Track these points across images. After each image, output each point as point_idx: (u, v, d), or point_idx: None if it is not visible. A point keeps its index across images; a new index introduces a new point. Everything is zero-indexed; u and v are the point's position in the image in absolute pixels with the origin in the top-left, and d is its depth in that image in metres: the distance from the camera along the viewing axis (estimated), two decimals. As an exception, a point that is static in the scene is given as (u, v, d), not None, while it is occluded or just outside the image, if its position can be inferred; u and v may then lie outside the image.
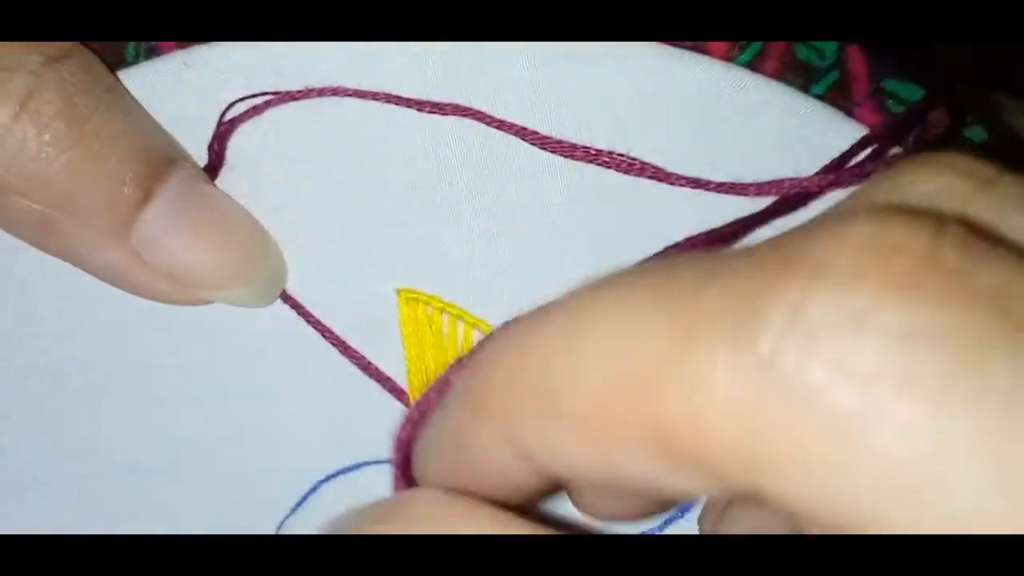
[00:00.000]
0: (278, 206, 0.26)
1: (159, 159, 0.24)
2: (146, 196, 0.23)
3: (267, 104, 0.25)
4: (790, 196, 0.25)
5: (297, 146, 0.26)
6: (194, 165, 0.25)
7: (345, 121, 0.25)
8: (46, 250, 0.24)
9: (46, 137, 0.22)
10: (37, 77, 0.22)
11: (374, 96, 0.25)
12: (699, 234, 0.25)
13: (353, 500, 0.27)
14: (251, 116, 0.25)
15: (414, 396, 0.27)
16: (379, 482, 0.27)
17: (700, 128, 0.25)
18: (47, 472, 0.28)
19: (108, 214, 0.23)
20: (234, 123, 0.25)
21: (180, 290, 0.25)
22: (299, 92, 0.25)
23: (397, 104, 0.25)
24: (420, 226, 0.26)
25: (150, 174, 0.23)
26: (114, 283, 0.25)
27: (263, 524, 0.28)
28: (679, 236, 0.25)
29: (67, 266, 0.25)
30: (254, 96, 0.25)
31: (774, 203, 0.25)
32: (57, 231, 0.23)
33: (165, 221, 0.23)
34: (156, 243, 0.24)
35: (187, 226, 0.24)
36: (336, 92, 0.25)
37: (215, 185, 0.25)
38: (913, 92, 0.25)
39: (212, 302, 0.26)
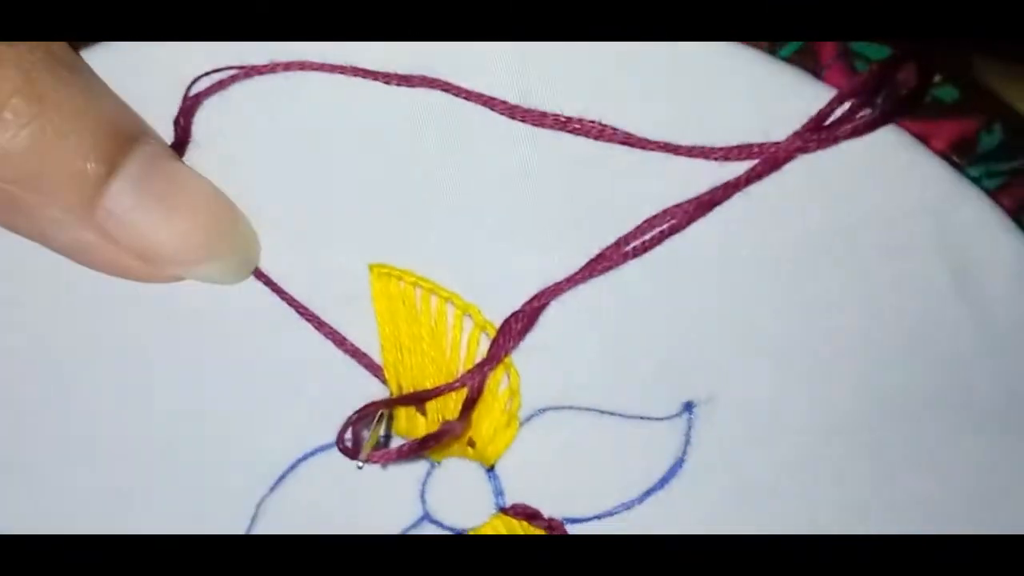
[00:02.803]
0: (247, 182, 0.26)
1: (123, 135, 0.24)
2: (110, 171, 0.23)
3: (232, 79, 0.25)
4: (762, 160, 0.25)
5: (265, 122, 0.25)
6: (160, 141, 0.25)
7: (313, 96, 0.25)
8: (14, 230, 0.24)
9: (5, 114, 0.22)
10: None
11: (340, 70, 0.25)
12: (677, 204, 0.25)
13: (331, 478, 0.27)
14: (216, 91, 0.25)
15: (388, 370, 0.26)
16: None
17: (668, 94, 0.25)
18: (22, 457, 0.28)
19: (72, 190, 0.23)
20: (199, 98, 0.25)
21: (149, 267, 0.24)
22: (264, 66, 0.25)
23: (364, 77, 0.25)
24: (391, 200, 0.26)
25: (114, 149, 0.23)
26: (83, 262, 0.25)
27: (241, 504, 0.27)
28: (650, 202, 0.25)
29: (39, 252, 0.25)
30: (219, 71, 0.25)
31: (750, 169, 0.25)
32: (23, 209, 0.23)
33: (131, 196, 0.23)
34: (122, 219, 0.23)
35: (153, 201, 0.24)
36: (303, 67, 0.25)
37: (182, 161, 0.25)
38: (881, 52, 0.25)
39: (183, 279, 0.25)
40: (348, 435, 0.25)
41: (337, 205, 0.26)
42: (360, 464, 0.25)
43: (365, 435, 0.26)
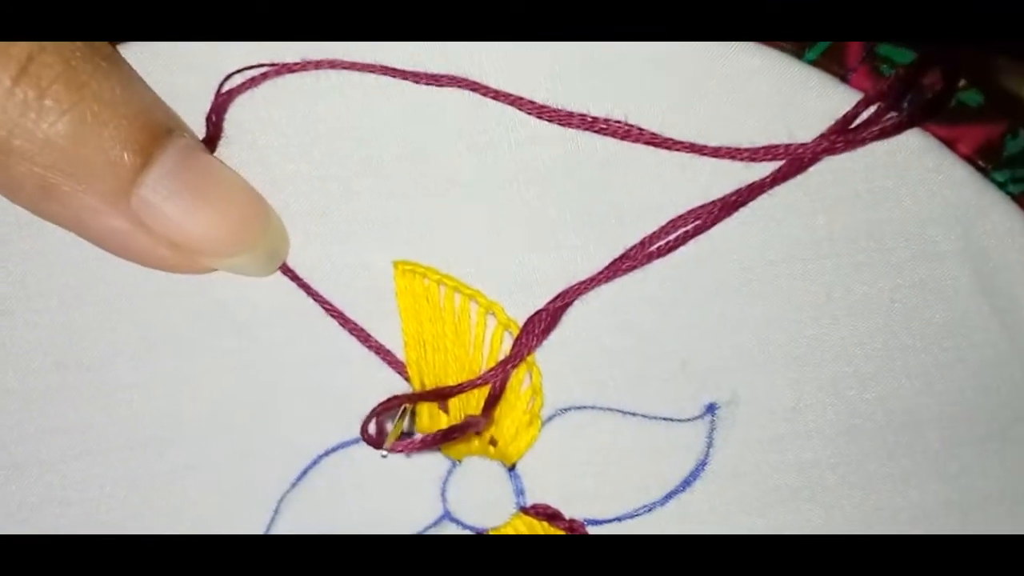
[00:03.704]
0: (275, 178, 0.26)
1: (158, 127, 0.24)
2: (146, 162, 0.24)
3: (264, 76, 0.25)
4: (788, 162, 0.25)
5: (294, 119, 0.26)
6: (193, 135, 0.25)
7: (342, 94, 0.25)
8: (49, 218, 0.24)
9: (47, 100, 0.22)
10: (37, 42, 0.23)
11: (370, 68, 0.25)
12: (702, 205, 0.25)
13: (352, 475, 0.27)
14: (248, 88, 0.25)
15: (411, 368, 0.26)
16: (378, 455, 0.27)
17: (695, 95, 0.25)
18: (48, 448, 0.28)
19: (109, 178, 0.23)
20: (232, 95, 0.25)
21: (182, 257, 0.25)
22: (295, 64, 0.25)
23: (393, 76, 0.25)
24: (417, 198, 0.26)
25: (150, 141, 0.24)
26: (116, 251, 0.25)
27: (264, 499, 0.27)
28: (675, 203, 0.25)
29: (68, 242, 0.25)
30: (251, 68, 0.25)
31: (776, 170, 0.25)
32: (59, 196, 0.23)
33: (165, 186, 0.24)
34: (157, 208, 0.24)
35: (187, 192, 0.24)
36: (333, 65, 0.25)
37: (214, 156, 0.25)
38: (907, 57, 0.25)
39: (214, 270, 0.26)
40: (372, 426, 0.25)
41: (363, 202, 0.26)
42: (384, 453, 0.25)
43: (388, 427, 0.26)
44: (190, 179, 0.24)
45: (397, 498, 0.27)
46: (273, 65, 0.25)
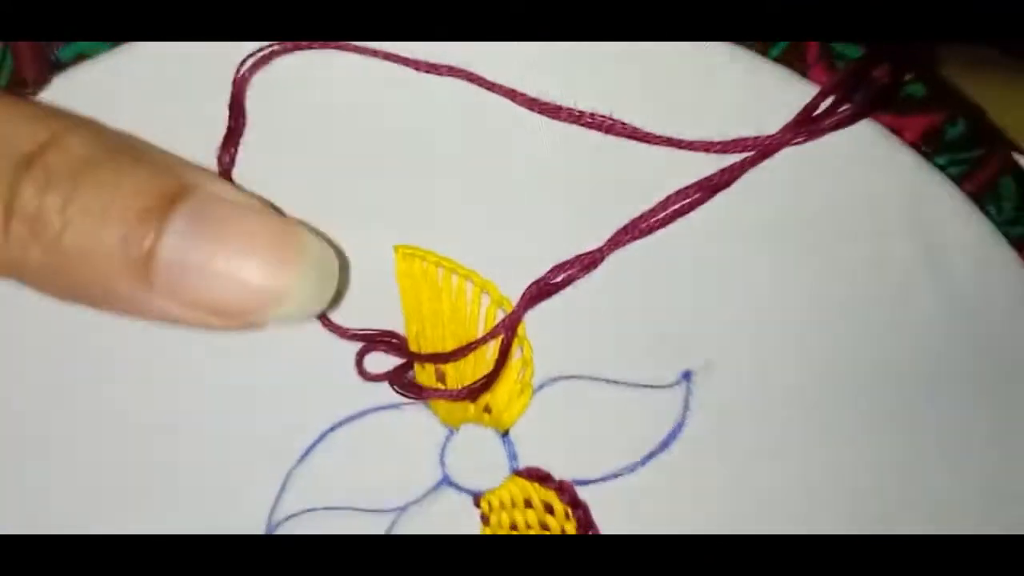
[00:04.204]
0: (274, 165, 0.27)
1: (166, 195, 0.22)
2: (159, 230, 0.22)
3: (273, 53, 0.26)
4: (756, 152, 0.27)
5: (293, 106, 0.27)
6: (209, 186, 0.23)
7: (341, 80, 0.27)
8: (80, 303, 0.24)
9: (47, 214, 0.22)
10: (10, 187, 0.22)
11: (373, 53, 0.27)
12: (681, 189, 0.27)
13: (360, 447, 0.29)
14: (260, 67, 0.26)
15: (412, 341, 0.28)
16: (385, 427, 0.29)
17: (671, 90, 0.27)
18: (53, 433, 0.29)
19: (121, 263, 0.22)
20: (247, 77, 0.26)
21: (230, 320, 0.23)
22: (305, 43, 0.26)
23: (395, 62, 0.27)
24: (416, 183, 0.28)
25: (159, 207, 0.22)
26: (169, 325, 0.24)
27: (271, 476, 0.29)
28: (656, 189, 0.28)
29: None
30: (262, 50, 0.26)
31: (744, 159, 0.27)
32: (80, 287, 0.23)
33: (180, 253, 0.22)
34: (180, 277, 0.22)
35: (205, 252, 0.22)
36: (341, 47, 0.27)
37: (233, 200, 0.24)
38: (858, 52, 0.28)
39: (264, 325, 0.24)
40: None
41: (364, 187, 0.28)
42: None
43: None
44: (207, 236, 0.22)
45: (399, 465, 0.29)
46: (282, 44, 0.27)
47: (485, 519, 0.29)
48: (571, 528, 0.29)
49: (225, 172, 0.27)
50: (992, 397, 0.29)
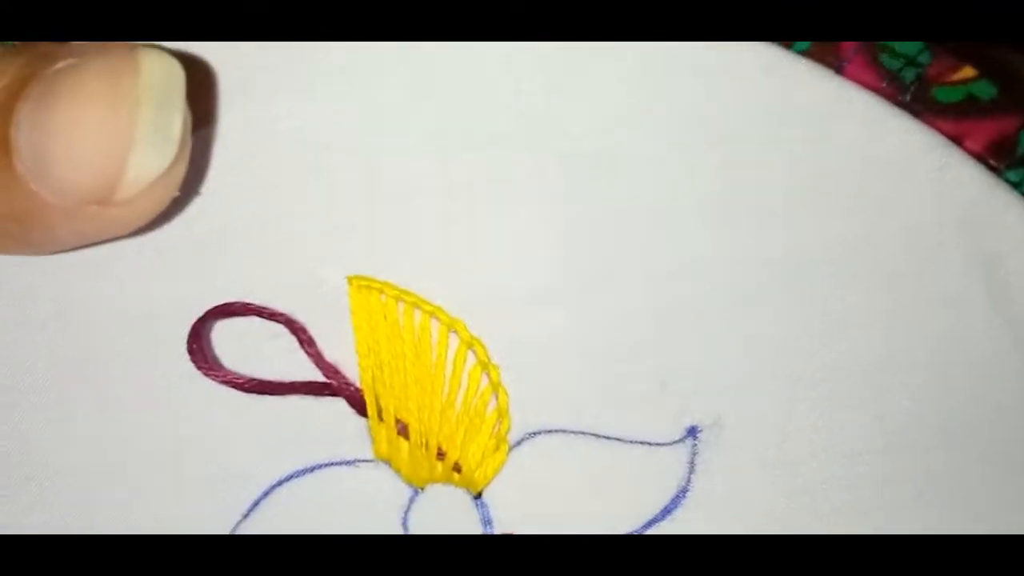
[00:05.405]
0: (224, 184, 0.24)
1: (21, 74, 0.21)
2: (7, 121, 0.20)
3: None
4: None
5: (244, 122, 0.24)
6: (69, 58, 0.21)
7: (298, 103, 0.24)
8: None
9: None
10: None
11: None
12: None
13: (309, 504, 0.25)
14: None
15: (366, 389, 0.25)
16: (334, 485, 0.25)
17: (690, 90, 0.23)
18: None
19: None
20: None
21: (108, 195, 0.21)
22: None
23: None
24: (371, 208, 0.24)
25: (7, 98, 0.20)
26: (48, 242, 0.22)
27: (215, 529, 0.26)
28: (637, 223, 0.24)
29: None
30: None
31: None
32: None
33: (32, 136, 0.20)
34: (40, 164, 0.20)
35: (50, 129, 0.20)
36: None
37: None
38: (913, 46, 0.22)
39: (159, 203, 0.21)
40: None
41: (314, 212, 0.24)
42: None
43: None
44: (48, 108, 0.20)
45: (354, 529, 0.25)
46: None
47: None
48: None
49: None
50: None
